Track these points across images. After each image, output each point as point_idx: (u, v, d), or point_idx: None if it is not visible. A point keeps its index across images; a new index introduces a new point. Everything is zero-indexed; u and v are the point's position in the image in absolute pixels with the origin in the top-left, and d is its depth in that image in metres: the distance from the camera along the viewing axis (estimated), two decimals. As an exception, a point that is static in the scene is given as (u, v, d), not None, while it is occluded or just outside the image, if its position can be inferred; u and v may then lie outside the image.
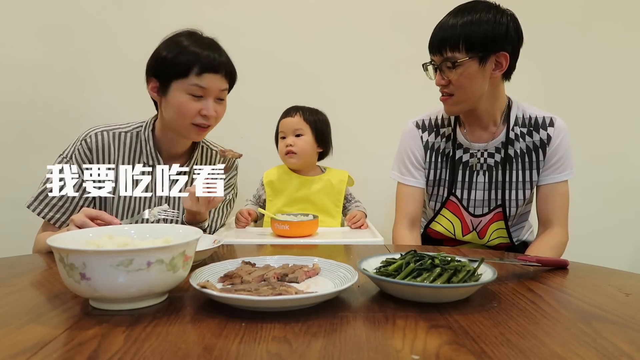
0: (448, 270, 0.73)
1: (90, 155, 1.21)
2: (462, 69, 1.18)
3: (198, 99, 1.16)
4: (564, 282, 0.84)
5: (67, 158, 1.20)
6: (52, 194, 1.17)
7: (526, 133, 1.30)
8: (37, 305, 0.67)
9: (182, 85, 1.14)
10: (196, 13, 1.89)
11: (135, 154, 1.25)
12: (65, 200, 1.19)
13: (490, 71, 1.20)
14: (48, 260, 0.98)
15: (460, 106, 1.26)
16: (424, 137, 1.38)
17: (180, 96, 1.15)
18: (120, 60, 1.89)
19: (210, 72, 1.15)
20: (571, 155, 1.30)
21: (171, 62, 1.14)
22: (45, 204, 1.18)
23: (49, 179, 1.18)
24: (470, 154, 1.33)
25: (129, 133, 1.26)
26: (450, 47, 1.18)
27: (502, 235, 1.36)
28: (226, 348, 0.52)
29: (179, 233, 0.78)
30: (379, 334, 0.57)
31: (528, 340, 0.55)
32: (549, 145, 1.28)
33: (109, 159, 1.23)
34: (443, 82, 1.23)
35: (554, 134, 1.28)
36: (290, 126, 1.54)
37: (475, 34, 1.16)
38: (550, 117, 1.30)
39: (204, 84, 1.15)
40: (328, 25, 1.94)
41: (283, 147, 1.55)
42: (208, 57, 1.14)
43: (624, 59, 2.00)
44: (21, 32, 1.87)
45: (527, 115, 1.31)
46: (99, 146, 1.22)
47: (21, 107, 1.89)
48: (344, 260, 0.83)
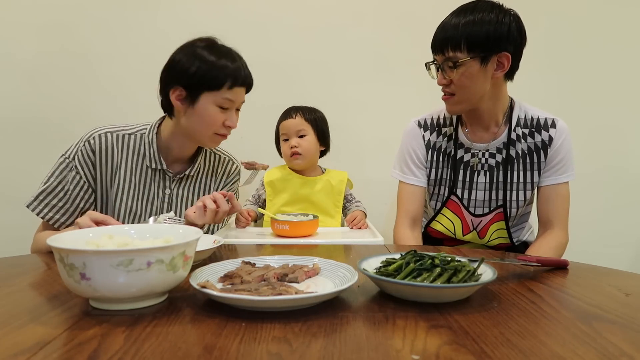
0: (448, 270, 0.73)
1: (93, 157, 1.20)
2: (464, 68, 1.18)
3: (224, 111, 1.20)
4: (564, 282, 0.84)
5: (70, 159, 1.19)
6: (52, 194, 1.17)
7: (528, 134, 1.30)
8: (37, 305, 0.67)
9: (213, 97, 1.17)
10: (196, 13, 1.89)
11: (139, 156, 1.24)
12: (65, 202, 1.18)
13: (492, 71, 1.20)
14: (48, 260, 0.98)
15: (462, 106, 1.26)
16: (426, 136, 1.38)
17: (210, 108, 1.18)
18: (120, 60, 1.89)
19: (240, 86, 1.20)
20: (572, 157, 1.30)
21: (203, 76, 1.15)
22: (45, 204, 1.17)
23: (50, 179, 1.18)
24: (472, 154, 1.33)
25: (132, 135, 1.25)
26: (452, 46, 1.18)
27: (503, 236, 1.36)
28: (226, 348, 0.52)
29: (179, 233, 0.78)
30: (379, 334, 0.57)
31: (528, 340, 0.55)
32: (550, 146, 1.28)
33: (112, 161, 1.22)
34: (445, 82, 1.23)
35: (555, 135, 1.28)
36: (292, 127, 1.54)
37: (477, 34, 1.16)
38: (552, 119, 1.30)
39: (233, 97, 1.19)
40: (328, 25, 1.94)
41: (287, 149, 1.55)
42: (239, 72, 1.18)
43: (624, 59, 2.00)
44: (21, 32, 1.87)
45: (529, 116, 1.31)
46: (102, 148, 1.21)
47: (21, 107, 1.89)
48: (344, 260, 0.83)
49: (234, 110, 1.22)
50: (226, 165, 1.39)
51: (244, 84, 1.20)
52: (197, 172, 1.31)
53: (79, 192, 1.19)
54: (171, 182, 1.27)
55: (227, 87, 1.17)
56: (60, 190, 1.18)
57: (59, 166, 1.19)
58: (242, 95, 1.22)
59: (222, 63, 1.16)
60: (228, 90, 1.17)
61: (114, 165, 1.22)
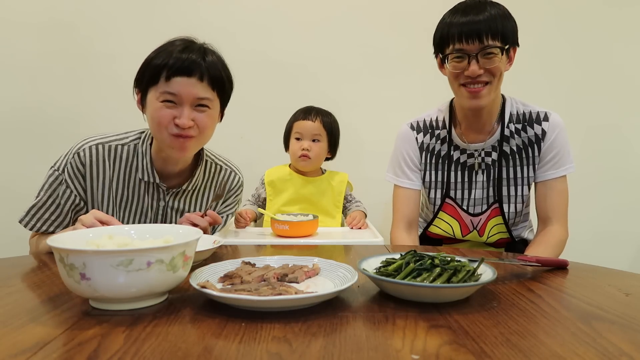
0: (448, 270, 0.73)
1: (83, 169, 1.14)
2: (497, 58, 1.19)
3: (172, 106, 1.07)
4: (564, 282, 0.84)
5: (59, 172, 1.13)
6: (43, 208, 1.14)
7: (521, 129, 1.29)
8: (37, 305, 0.67)
9: (154, 92, 1.07)
10: (196, 13, 1.89)
11: (132, 169, 1.17)
12: (58, 215, 1.14)
13: (506, 64, 1.22)
14: (48, 260, 0.98)
15: (490, 97, 1.23)
16: (419, 139, 1.38)
17: (153, 104, 1.07)
18: (121, 60, 1.89)
19: (180, 75, 1.05)
20: (568, 149, 1.28)
21: (145, 68, 1.08)
22: (38, 219, 1.14)
23: (40, 194, 1.14)
24: (468, 155, 1.33)
25: (125, 146, 1.17)
26: (492, 35, 1.17)
27: (502, 231, 1.36)
28: (226, 348, 0.52)
29: (179, 233, 0.78)
30: (379, 334, 0.57)
31: (528, 340, 0.55)
32: (543, 140, 1.27)
33: (103, 174, 1.15)
34: (480, 72, 1.19)
35: (548, 129, 1.27)
36: (309, 130, 1.54)
37: (507, 26, 1.19)
38: (545, 112, 1.29)
39: (174, 89, 1.05)
40: (328, 25, 1.94)
41: (298, 149, 1.53)
42: (178, 59, 1.04)
43: (625, 58, 2.00)
44: (21, 32, 1.87)
45: (521, 111, 1.30)
46: (92, 160, 1.14)
47: (21, 107, 1.89)
48: (344, 260, 0.83)
49: (187, 106, 1.07)
50: (228, 177, 1.30)
51: (184, 73, 1.04)
52: (194, 185, 1.24)
53: (70, 205, 1.15)
54: (165, 194, 1.21)
55: (164, 78, 1.05)
56: (52, 204, 1.14)
57: (48, 179, 1.14)
58: (188, 87, 1.05)
59: (163, 55, 1.06)
60: (166, 83, 1.05)
61: (105, 177, 1.15)
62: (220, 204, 1.32)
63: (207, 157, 1.27)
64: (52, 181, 1.13)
